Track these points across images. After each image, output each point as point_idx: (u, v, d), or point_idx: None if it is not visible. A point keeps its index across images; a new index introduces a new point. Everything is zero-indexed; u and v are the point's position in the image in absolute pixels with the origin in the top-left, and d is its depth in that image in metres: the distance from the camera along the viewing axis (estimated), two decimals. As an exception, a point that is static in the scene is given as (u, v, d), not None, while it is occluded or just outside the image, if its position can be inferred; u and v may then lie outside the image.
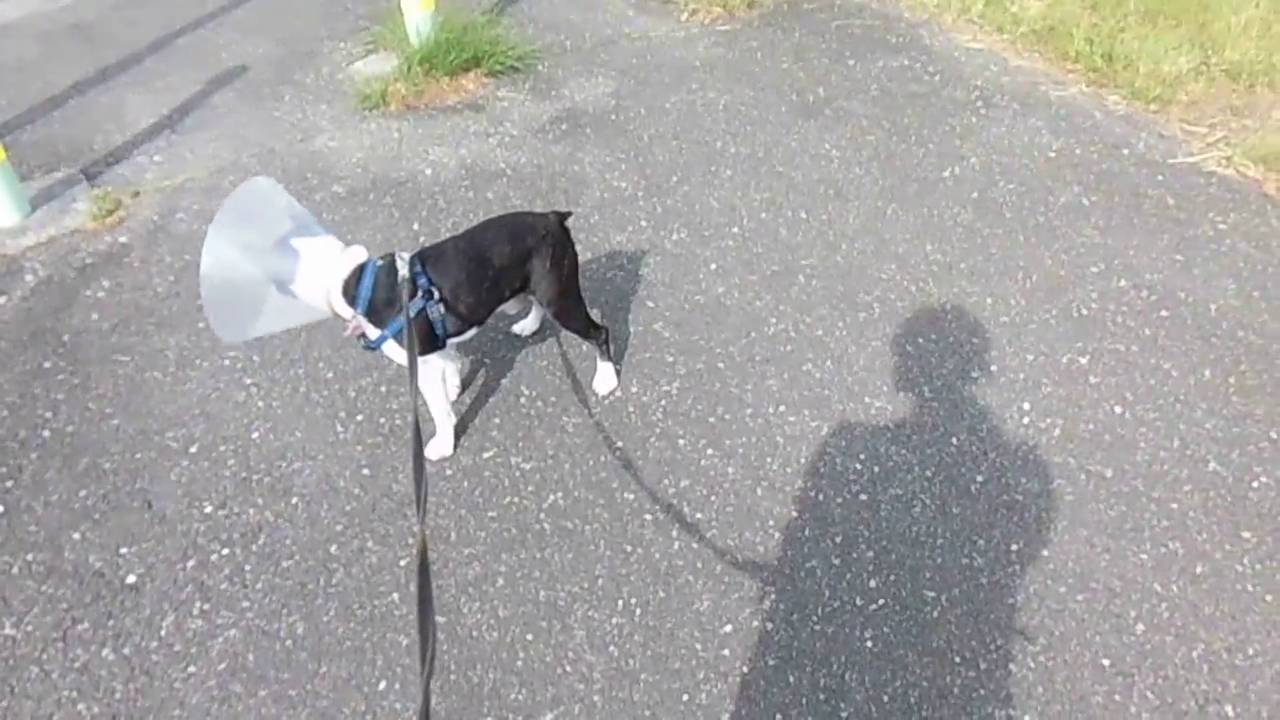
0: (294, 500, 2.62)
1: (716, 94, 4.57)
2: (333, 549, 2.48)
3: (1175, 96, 4.37)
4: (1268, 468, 2.64)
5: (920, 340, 3.09)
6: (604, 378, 2.92)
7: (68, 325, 3.23)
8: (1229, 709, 2.10)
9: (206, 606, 2.36)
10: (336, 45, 5.15)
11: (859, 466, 2.68)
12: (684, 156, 4.09)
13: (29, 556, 2.49)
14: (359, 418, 2.85)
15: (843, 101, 4.47)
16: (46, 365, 3.07)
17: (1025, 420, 2.80)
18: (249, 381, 2.99)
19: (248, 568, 2.45)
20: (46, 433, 2.84)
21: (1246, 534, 2.47)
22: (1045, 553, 2.44)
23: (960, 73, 4.69)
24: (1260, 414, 2.80)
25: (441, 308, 2.41)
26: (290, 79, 4.81)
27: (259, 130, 4.35)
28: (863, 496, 2.60)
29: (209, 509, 2.60)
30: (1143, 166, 3.92)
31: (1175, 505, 2.55)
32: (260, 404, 2.92)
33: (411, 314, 2.26)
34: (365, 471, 2.69)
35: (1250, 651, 2.21)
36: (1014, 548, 2.45)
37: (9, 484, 2.69)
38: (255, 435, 2.82)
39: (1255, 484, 2.60)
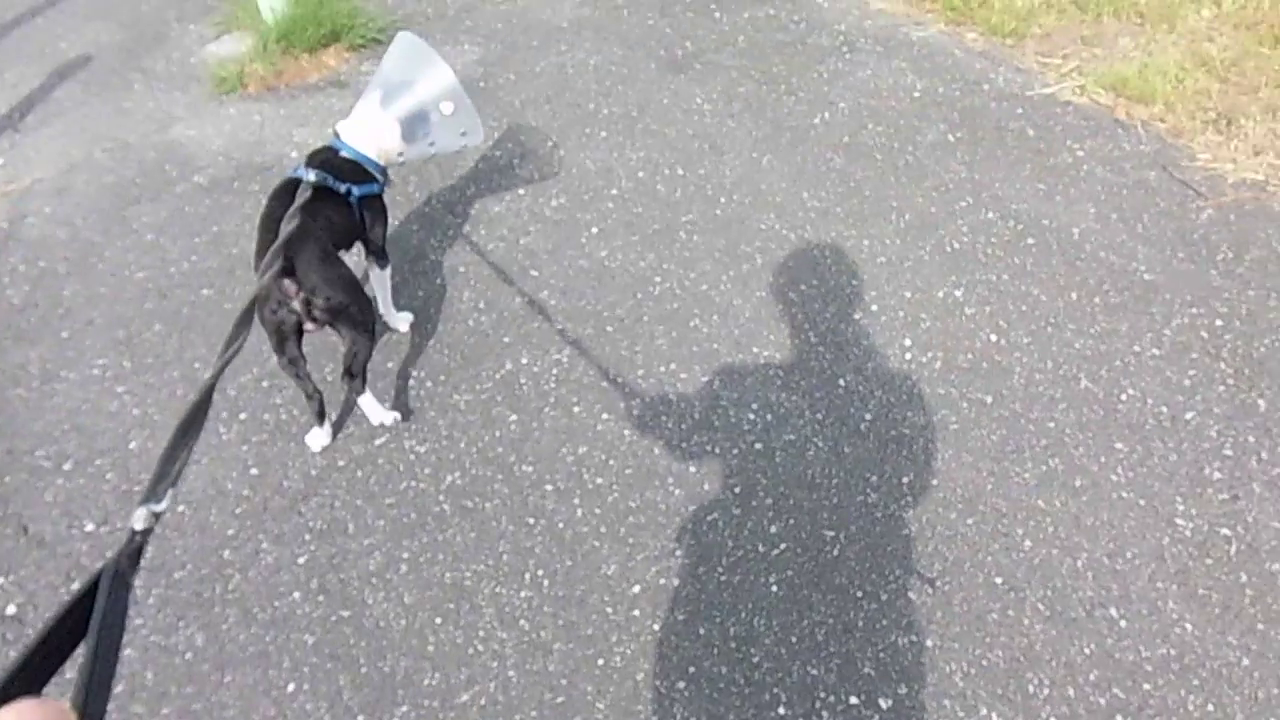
0: (180, 508, 2.53)
1: (586, 54, 4.52)
2: (226, 554, 2.41)
3: (1029, 30, 4.51)
4: (1134, 380, 2.78)
5: (803, 287, 3.14)
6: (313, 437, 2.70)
7: (-85, 347, 3.03)
8: (1113, 611, 2.23)
9: (97, 627, 2.26)
10: (186, 27, 4.90)
11: (752, 416, 2.72)
12: (557, 120, 4.04)
13: (-104, 596, 2.35)
14: (242, 416, 2.76)
15: (711, 54, 4.47)
16: (-104, 392, 2.88)
17: (907, 356, 2.88)
18: (121, 390, 2.86)
19: (138, 583, 2.35)
20: (-97, 464, 2.67)
21: (1119, 445, 2.60)
22: (935, 482, 2.53)
23: (824, 19, 4.73)
24: (1124, 330, 2.94)
25: None
26: (139, 66, 4.56)
27: (109, 123, 4.13)
28: (758, 445, 2.64)
29: (90, 527, 2.49)
30: (1003, 100, 4.04)
31: (1052, 424, 2.67)
32: (135, 412, 2.80)
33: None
34: (254, 471, 2.61)
35: (1129, 555, 2.34)
36: (905, 480, 2.53)
37: None
38: (133, 445, 2.70)
39: (1124, 396, 2.74)
